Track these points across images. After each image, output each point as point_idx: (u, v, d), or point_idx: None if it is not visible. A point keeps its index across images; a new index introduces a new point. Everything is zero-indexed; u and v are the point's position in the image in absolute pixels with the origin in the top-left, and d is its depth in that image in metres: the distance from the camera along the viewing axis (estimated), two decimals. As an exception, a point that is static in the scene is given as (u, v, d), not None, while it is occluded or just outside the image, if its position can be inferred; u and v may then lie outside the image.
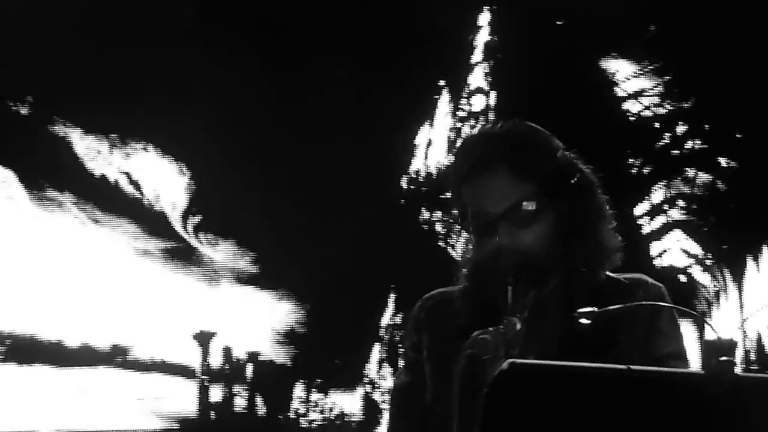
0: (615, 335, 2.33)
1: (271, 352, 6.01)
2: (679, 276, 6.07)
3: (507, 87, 6.32)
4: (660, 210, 6.16)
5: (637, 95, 6.26)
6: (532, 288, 2.25)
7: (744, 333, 5.84)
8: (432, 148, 6.32)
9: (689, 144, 6.18)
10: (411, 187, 6.26)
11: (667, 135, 6.21)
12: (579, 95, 5.98)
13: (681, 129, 6.19)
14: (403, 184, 6.26)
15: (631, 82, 6.27)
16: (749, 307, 5.98)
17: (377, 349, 6.12)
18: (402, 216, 6.22)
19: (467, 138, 2.53)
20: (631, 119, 6.27)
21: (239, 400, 5.93)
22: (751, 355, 5.90)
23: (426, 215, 6.24)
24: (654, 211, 6.16)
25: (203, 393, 5.86)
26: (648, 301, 2.37)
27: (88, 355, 5.73)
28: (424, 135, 6.32)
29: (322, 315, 6.03)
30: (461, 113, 6.35)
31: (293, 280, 6.02)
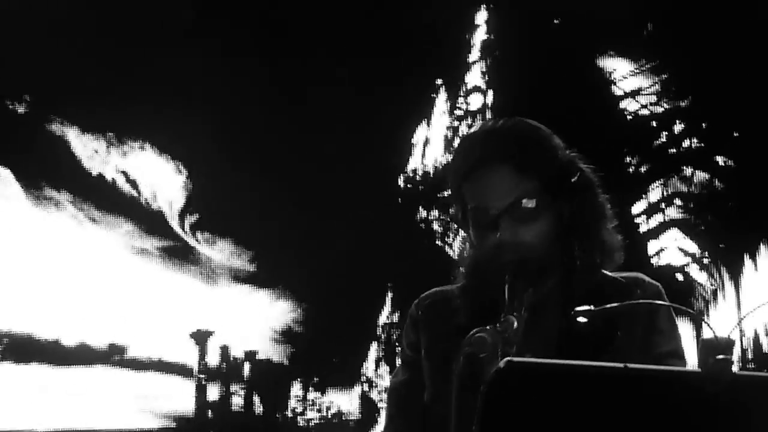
0: (613, 334, 2.33)
1: (269, 350, 6.01)
2: (677, 274, 6.07)
3: (504, 86, 6.32)
4: (657, 209, 6.17)
5: (635, 94, 6.26)
6: (529, 286, 2.25)
7: (741, 331, 5.84)
8: (429, 146, 6.32)
9: (686, 143, 6.18)
10: (408, 186, 6.26)
11: (665, 134, 6.21)
12: (576, 94, 5.98)
13: (678, 128, 6.19)
14: (401, 183, 6.26)
15: (629, 80, 6.28)
16: (746, 306, 5.99)
17: (374, 348, 6.12)
18: (399, 215, 6.22)
19: (468, 134, 2.52)
20: (629, 118, 6.27)
21: (237, 398, 5.93)
22: (749, 354, 5.90)
23: (423, 214, 6.24)
24: (651, 210, 6.16)
25: (201, 392, 5.86)
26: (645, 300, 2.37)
27: (85, 354, 5.72)
28: (421, 134, 6.32)
29: (319, 314, 6.03)
30: (459, 112, 6.35)
31: (290, 279, 6.02)
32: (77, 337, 5.72)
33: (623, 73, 6.27)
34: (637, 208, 6.14)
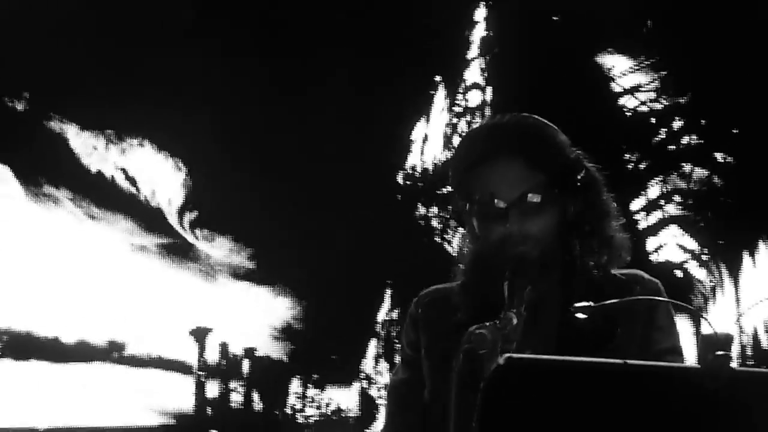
0: (612, 330, 2.33)
1: (268, 348, 6.01)
2: (676, 271, 6.07)
3: (503, 83, 6.32)
4: (656, 205, 6.17)
5: (634, 90, 6.26)
6: (529, 283, 2.25)
7: (740, 328, 5.84)
8: (428, 143, 6.32)
9: (686, 139, 6.18)
10: (407, 183, 6.26)
11: (664, 130, 6.21)
12: (575, 91, 5.98)
13: (677, 124, 6.19)
14: (400, 180, 6.26)
15: (628, 77, 6.28)
16: (745, 302, 5.99)
17: (374, 345, 6.12)
18: (399, 212, 6.22)
19: (475, 127, 2.51)
20: (628, 115, 6.27)
21: (236, 395, 5.93)
22: (748, 350, 5.90)
23: (422, 211, 6.24)
24: (650, 207, 6.16)
25: (200, 388, 5.86)
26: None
27: (84, 351, 5.73)
28: (420, 131, 6.32)
29: (318, 311, 6.03)
30: (458, 109, 6.35)
31: (290, 276, 6.02)
32: (77, 334, 5.72)
33: (622, 70, 6.28)
34: (636, 204, 6.14)
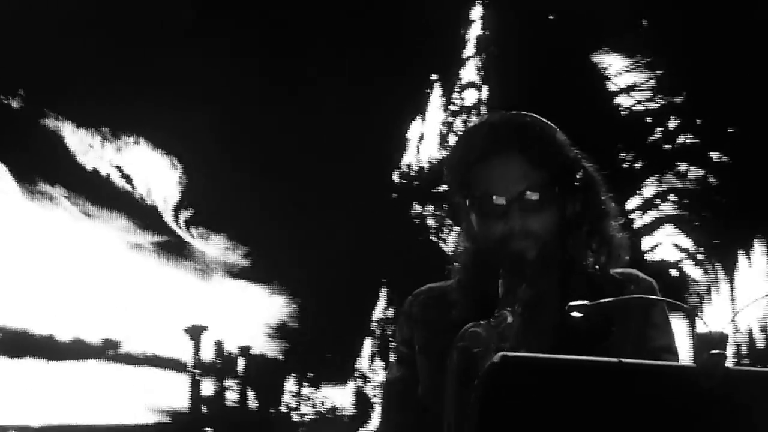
0: (607, 329, 2.33)
1: (263, 346, 6.01)
2: (671, 270, 6.07)
3: (499, 81, 6.31)
4: (652, 204, 6.17)
5: (629, 89, 6.26)
6: (524, 281, 2.25)
7: (735, 327, 5.85)
8: (424, 142, 6.32)
9: (681, 138, 6.18)
10: (403, 181, 6.26)
11: (659, 129, 6.21)
12: (571, 90, 5.98)
13: (673, 123, 6.19)
14: (395, 178, 6.26)
15: (623, 76, 6.28)
16: (741, 301, 5.99)
17: (369, 343, 6.12)
18: (394, 210, 6.22)
19: (476, 124, 2.51)
20: (623, 114, 6.27)
21: (231, 394, 5.93)
22: (743, 349, 5.91)
23: (418, 209, 6.24)
24: (646, 206, 6.16)
25: (195, 387, 5.85)
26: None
27: (79, 349, 5.72)
28: (416, 129, 6.32)
29: (313, 309, 6.02)
30: (453, 107, 6.34)
31: (285, 274, 6.01)
32: (71, 332, 5.71)
33: (618, 69, 6.28)
34: (632, 203, 6.14)
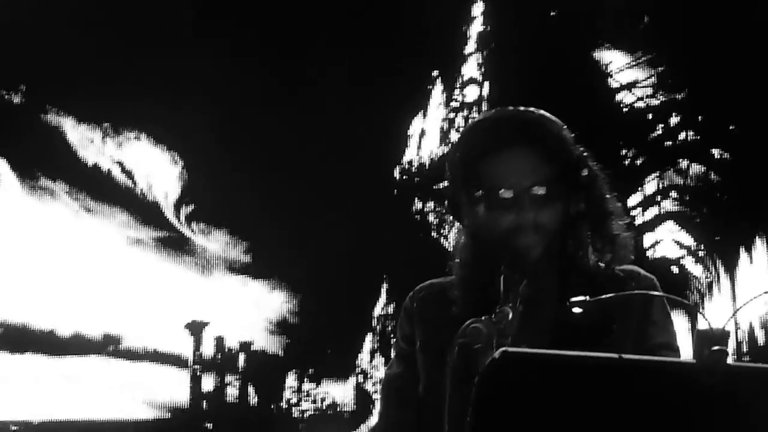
0: (608, 325, 2.33)
1: (264, 341, 6.01)
2: (672, 267, 6.07)
3: (500, 78, 6.31)
4: (653, 201, 6.17)
5: (631, 86, 6.26)
6: (525, 277, 2.25)
7: (736, 323, 5.85)
8: (425, 138, 6.32)
9: (682, 135, 6.18)
10: (404, 178, 6.26)
11: (661, 126, 6.21)
12: (572, 86, 5.98)
13: (674, 120, 6.19)
14: (397, 175, 6.26)
15: (625, 73, 6.27)
16: (741, 298, 6.00)
17: (369, 340, 6.12)
18: (395, 207, 6.22)
19: (478, 119, 2.50)
20: (625, 110, 6.27)
21: (231, 389, 5.93)
22: (744, 346, 5.91)
23: (419, 206, 6.24)
24: (647, 202, 6.16)
25: (195, 382, 5.85)
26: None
27: (80, 344, 5.72)
28: (417, 126, 6.32)
29: (314, 305, 6.02)
30: (455, 104, 6.34)
31: (286, 270, 6.01)
32: (72, 327, 5.71)
33: (619, 66, 6.27)
34: (633, 200, 6.14)
